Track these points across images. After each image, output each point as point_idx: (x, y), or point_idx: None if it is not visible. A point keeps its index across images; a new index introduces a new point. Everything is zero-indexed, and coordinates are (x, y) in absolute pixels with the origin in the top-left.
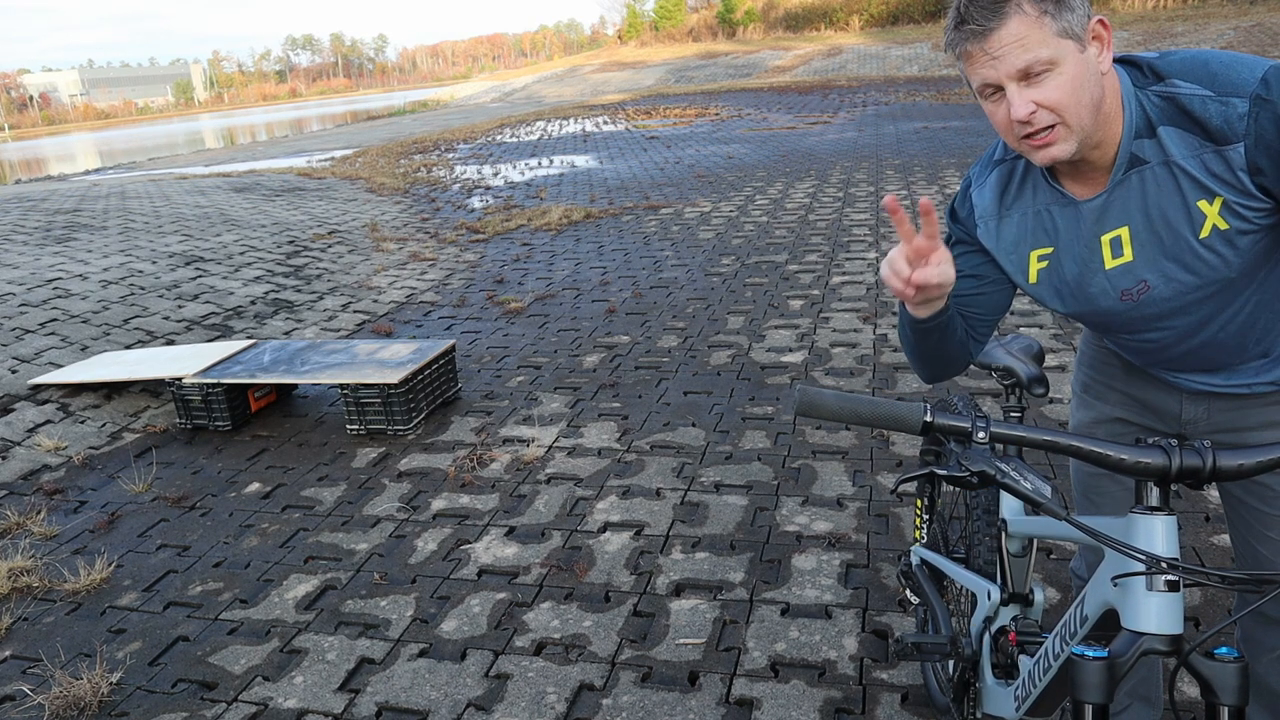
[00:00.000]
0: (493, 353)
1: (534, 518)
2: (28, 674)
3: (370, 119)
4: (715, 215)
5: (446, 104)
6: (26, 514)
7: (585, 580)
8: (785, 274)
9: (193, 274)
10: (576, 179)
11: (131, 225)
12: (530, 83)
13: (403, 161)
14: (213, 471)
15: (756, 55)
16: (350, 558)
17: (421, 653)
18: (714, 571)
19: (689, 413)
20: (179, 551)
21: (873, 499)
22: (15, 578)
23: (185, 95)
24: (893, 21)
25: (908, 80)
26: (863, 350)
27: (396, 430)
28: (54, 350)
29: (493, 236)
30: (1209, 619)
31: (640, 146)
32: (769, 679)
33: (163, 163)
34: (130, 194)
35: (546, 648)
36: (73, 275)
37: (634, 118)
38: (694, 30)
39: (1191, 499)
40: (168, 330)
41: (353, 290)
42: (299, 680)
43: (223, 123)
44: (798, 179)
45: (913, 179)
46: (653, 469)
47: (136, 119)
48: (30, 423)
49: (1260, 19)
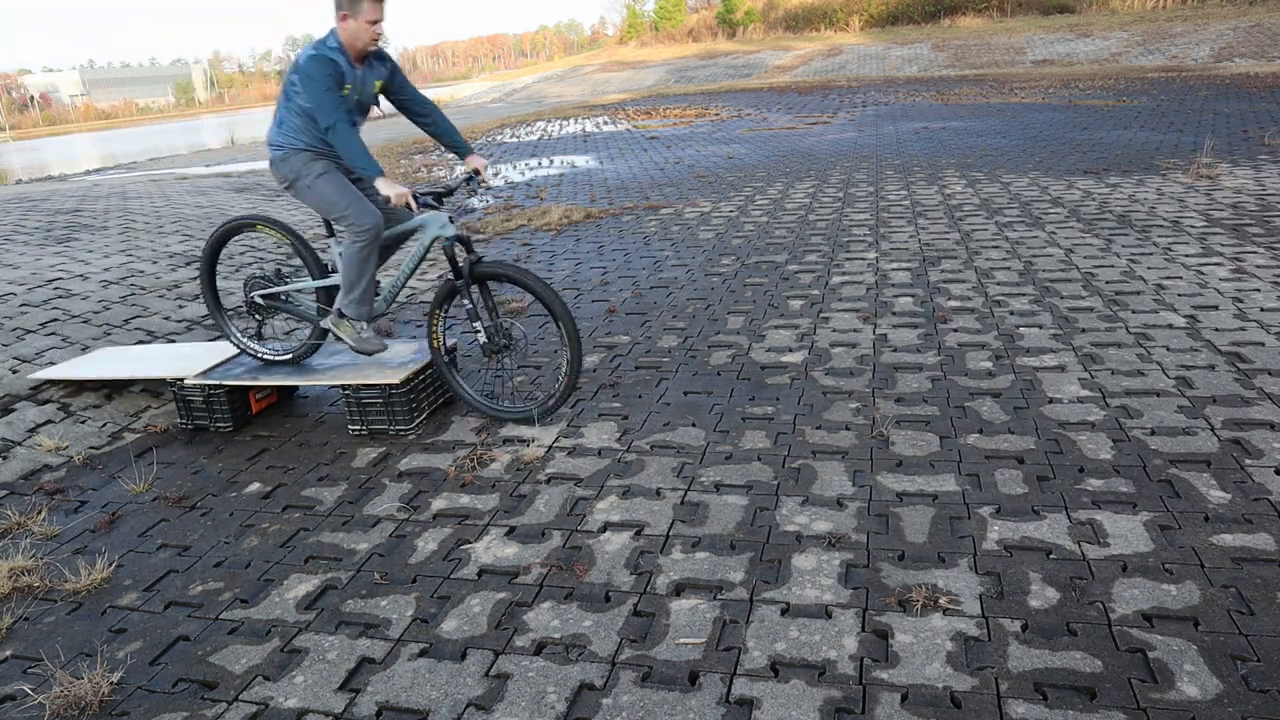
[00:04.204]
0: None
1: (534, 517)
2: (28, 674)
3: (370, 119)
4: (715, 215)
5: (447, 104)
6: (27, 514)
7: (585, 580)
8: (785, 274)
9: (193, 274)
10: (577, 179)
11: (132, 225)
12: (531, 83)
13: (403, 161)
14: (213, 471)
15: (756, 55)
16: (351, 557)
17: (422, 652)
18: (714, 571)
19: (689, 413)
20: (179, 551)
21: (873, 499)
22: (16, 577)
23: (186, 95)
24: (893, 21)
25: (908, 80)
26: (863, 350)
27: (398, 430)
28: (55, 350)
29: (493, 237)
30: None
31: (640, 146)
32: (769, 679)
33: (163, 163)
34: (131, 194)
35: (546, 647)
36: (73, 275)
37: (634, 118)
38: (694, 30)
39: (1191, 499)
40: (168, 330)
41: None
42: (299, 680)
43: (226, 121)
44: (798, 179)
45: (912, 179)
46: (653, 469)
47: (138, 119)
48: (31, 422)
49: (1260, 19)
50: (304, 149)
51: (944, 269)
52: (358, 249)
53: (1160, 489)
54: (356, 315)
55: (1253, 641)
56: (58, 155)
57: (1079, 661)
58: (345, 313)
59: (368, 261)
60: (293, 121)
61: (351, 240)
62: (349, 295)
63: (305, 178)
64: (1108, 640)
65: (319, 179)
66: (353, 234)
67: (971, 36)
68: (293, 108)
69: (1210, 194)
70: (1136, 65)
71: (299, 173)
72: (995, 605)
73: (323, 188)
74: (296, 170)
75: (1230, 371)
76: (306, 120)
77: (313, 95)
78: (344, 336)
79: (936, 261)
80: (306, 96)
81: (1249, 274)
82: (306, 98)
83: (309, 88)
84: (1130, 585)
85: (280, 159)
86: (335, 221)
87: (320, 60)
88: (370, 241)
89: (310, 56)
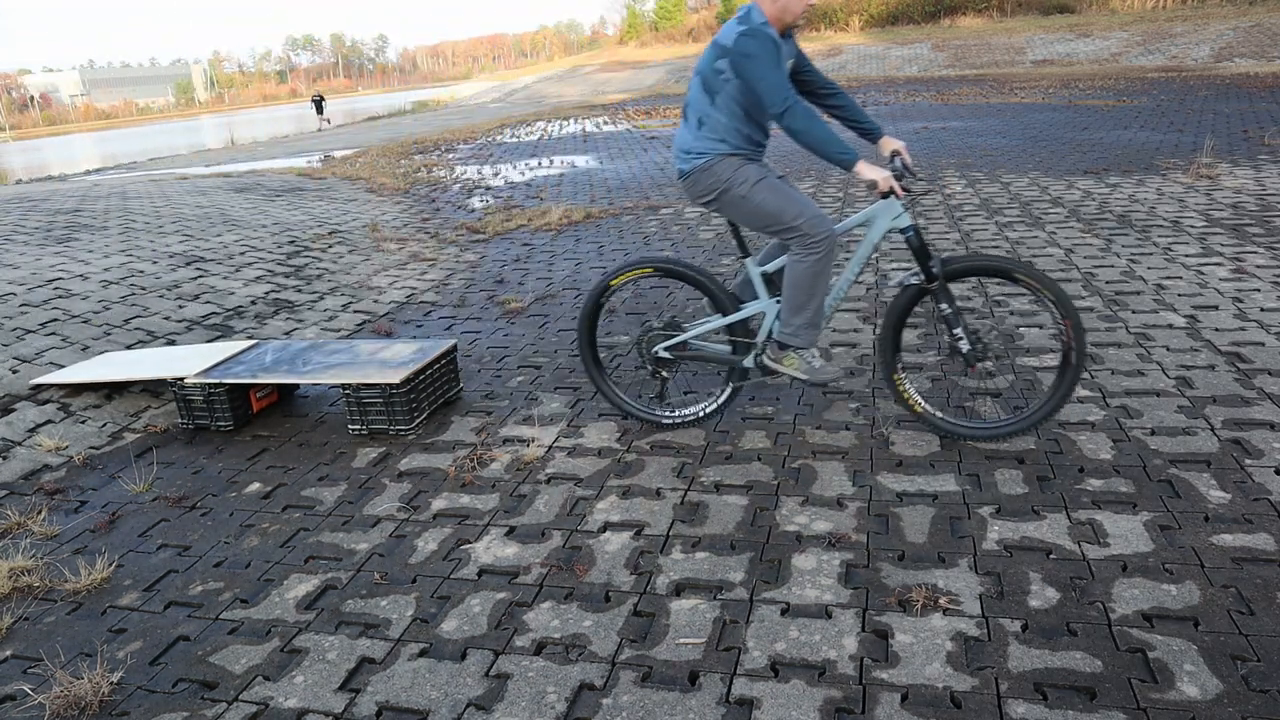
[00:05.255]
0: (493, 353)
1: (534, 517)
2: (28, 674)
3: (371, 119)
4: (715, 215)
5: (447, 104)
6: (27, 514)
7: (585, 580)
8: None
9: (193, 274)
10: (577, 179)
11: (132, 225)
12: (531, 83)
13: (403, 162)
14: (213, 471)
15: None
16: (350, 557)
17: (422, 652)
18: (714, 571)
19: None
20: (179, 551)
21: (873, 499)
22: (16, 577)
23: (186, 95)
24: (892, 21)
25: (908, 80)
26: (863, 350)
27: (398, 430)
28: (55, 350)
29: (493, 237)
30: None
31: (640, 146)
32: (769, 679)
33: (163, 163)
34: (131, 194)
35: (546, 647)
36: (73, 275)
37: (634, 118)
38: (694, 30)
39: (1191, 499)
40: (168, 330)
41: (353, 290)
42: (299, 680)
43: (225, 121)
44: (798, 179)
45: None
46: (653, 469)
47: (137, 119)
48: (31, 422)
49: (1260, 19)
50: (732, 152)
51: None
52: (812, 263)
53: (1160, 489)
54: (806, 342)
55: (1253, 641)
56: (58, 155)
57: (1079, 661)
58: (789, 342)
59: (821, 277)
60: (718, 120)
61: (806, 254)
62: (796, 320)
63: (738, 186)
64: (1108, 640)
65: (756, 186)
66: (806, 246)
67: (971, 36)
68: (722, 102)
69: (1210, 194)
70: (1136, 65)
71: (729, 181)
72: (995, 605)
73: (763, 196)
74: (726, 179)
75: (1230, 371)
76: (737, 116)
77: (760, 74)
78: (788, 371)
79: None
80: (751, 78)
81: (1249, 274)
82: (748, 81)
83: (752, 68)
84: (1130, 585)
85: (702, 168)
86: (782, 234)
87: (759, 36)
88: (828, 252)
89: (742, 34)
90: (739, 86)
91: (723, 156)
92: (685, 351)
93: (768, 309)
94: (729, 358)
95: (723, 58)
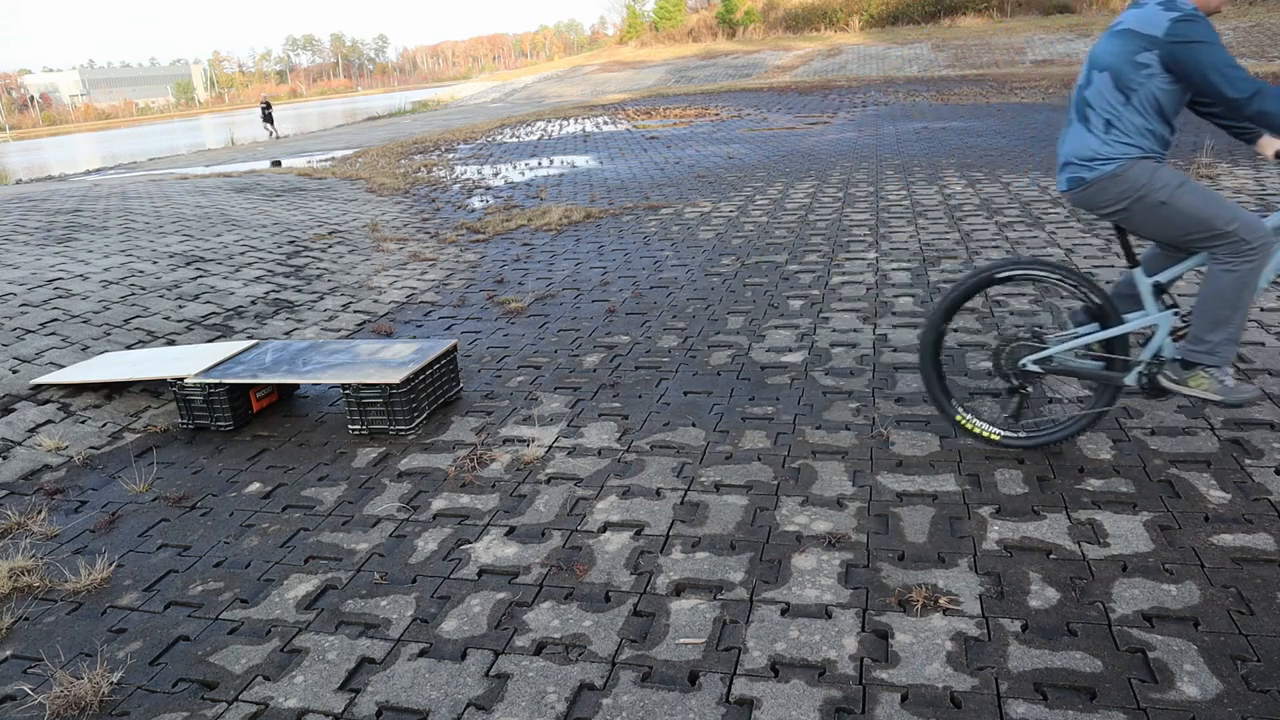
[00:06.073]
0: (493, 353)
1: (534, 517)
2: (28, 673)
3: (371, 119)
4: (715, 215)
5: (447, 104)
6: (27, 514)
7: (585, 580)
8: (785, 274)
9: (193, 274)
10: (577, 179)
11: (132, 225)
12: (531, 83)
13: (403, 162)
14: (213, 471)
15: (757, 55)
16: (350, 557)
17: (422, 652)
18: (714, 571)
19: (689, 413)
20: (179, 551)
21: (873, 499)
22: (16, 577)
23: (186, 95)
24: (893, 21)
25: (908, 80)
26: (863, 350)
27: (398, 430)
28: (55, 350)
29: (493, 237)
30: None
31: (640, 146)
32: (769, 679)
33: (163, 163)
34: (131, 194)
35: (546, 647)
36: (73, 275)
37: (634, 118)
38: (694, 30)
39: (1191, 499)
40: (168, 330)
41: (353, 290)
42: (299, 680)
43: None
44: (798, 179)
45: (912, 179)
46: (653, 469)
47: (137, 119)
48: (31, 422)
49: (1260, 19)
50: (1145, 155)
51: (944, 269)
52: (1245, 272)
53: (1160, 489)
54: (1222, 360)
55: (1253, 641)
56: (58, 155)
57: (1079, 661)
58: (1201, 360)
59: (1249, 289)
60: (1132, 121)
61: (1239, 262)
62: (1215, 335)
63: (1157, 192)
64: (1108, 640)
65: (1179, 190)
66: (1240, 254)
67: (971, 36)
68: (1139, 100)
69: None
70: None
71: (1147, 186)
72: (995, 605)
73: (1188, 201)
74: (1143, 184)
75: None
76: (1152, 114)
77: (1216, 60)
78: (1196, 392)
79: (936, 261)
80: (1206, 66)
81: None
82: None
83: (1205, 54)
84: (1130, 585)
85: (1113, 174)
86: (1209, 242)
87: (1200, 20)
88: (1261, 261)
89: (1178, 20)
90: (1165, 80)
91: (1135, 160)
92: (1049, 365)
93: (1160, 322)
94: (1106, 374)
95: (1149, 50)
